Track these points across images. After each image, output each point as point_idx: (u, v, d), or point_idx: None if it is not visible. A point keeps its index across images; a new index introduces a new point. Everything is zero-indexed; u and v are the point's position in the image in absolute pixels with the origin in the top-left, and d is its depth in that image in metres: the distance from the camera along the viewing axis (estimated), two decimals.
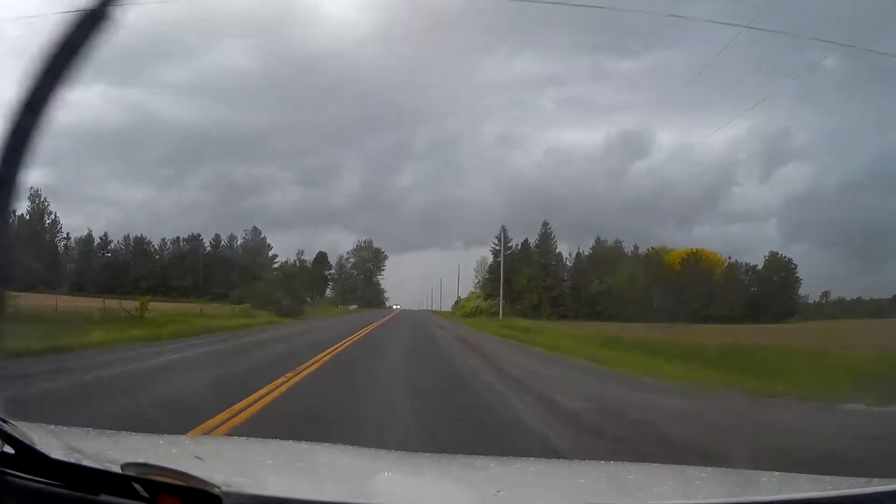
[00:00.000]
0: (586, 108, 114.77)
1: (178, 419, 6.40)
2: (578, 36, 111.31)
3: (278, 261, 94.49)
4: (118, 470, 1.36)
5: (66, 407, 6.85)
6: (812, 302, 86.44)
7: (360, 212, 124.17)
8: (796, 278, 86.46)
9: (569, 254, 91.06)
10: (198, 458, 1.91)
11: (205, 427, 6.02)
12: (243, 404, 7.35)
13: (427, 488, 2.08)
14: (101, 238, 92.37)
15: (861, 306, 76.00)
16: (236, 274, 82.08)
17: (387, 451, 2.52)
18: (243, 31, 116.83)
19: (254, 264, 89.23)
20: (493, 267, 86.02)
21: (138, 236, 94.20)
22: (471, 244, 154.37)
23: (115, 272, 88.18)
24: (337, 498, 1.68)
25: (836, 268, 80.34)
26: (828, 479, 2.02)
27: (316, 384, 9.98)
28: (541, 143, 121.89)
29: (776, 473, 2.09)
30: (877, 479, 1.74)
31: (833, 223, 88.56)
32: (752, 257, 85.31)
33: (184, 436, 5.13)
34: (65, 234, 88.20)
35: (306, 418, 7.24)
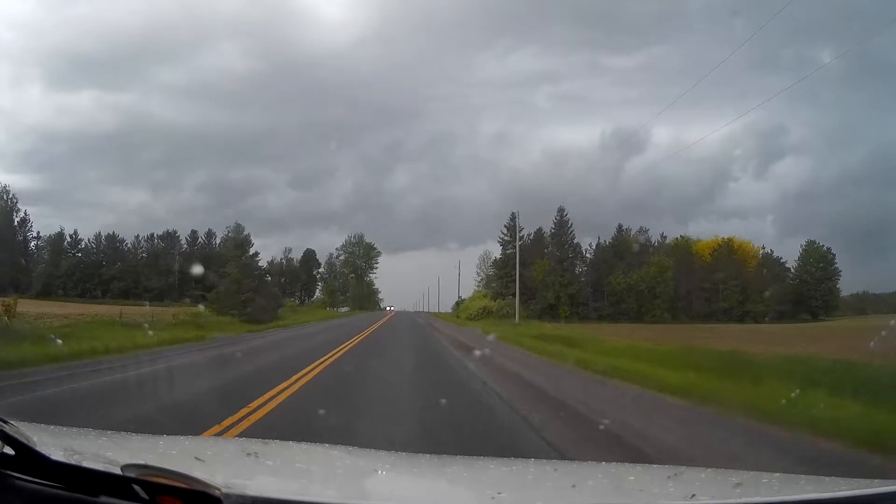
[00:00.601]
0: (582, 104, 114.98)
1: None
2: (575, 32, 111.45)
3: (261, 258, 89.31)
4: (118, 471, 1.36)
5: None
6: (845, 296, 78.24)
7: (354, 212, 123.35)
8: (835, 270, 76.57)
9: (589, 244, 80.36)
10: (198, 459, 1.91)
11: None
12: None
13: (427, 489, 2.08)
14: (72, 236, 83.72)
15: (882, 301, 70.49)
16: (214, 274, 70.56)
17: (387, 453, 2.52)
18: (236, 32, 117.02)
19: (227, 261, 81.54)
20: (502, 261, 75.69)
21: (110, 234, 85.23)
22: (466, 244, 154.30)
23: (84, 274, 78.90)
24: (337, 499, 1.68)
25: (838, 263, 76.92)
26: (828, 479, 2.03)
27: None
28: (536, 141, 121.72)
29: (776, 474, 2.09)
30: (877, 480, 1.74)
31: (831, 218, 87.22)
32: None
33: (183, 437, 5.12)
34: (35, 234, 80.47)
35: None
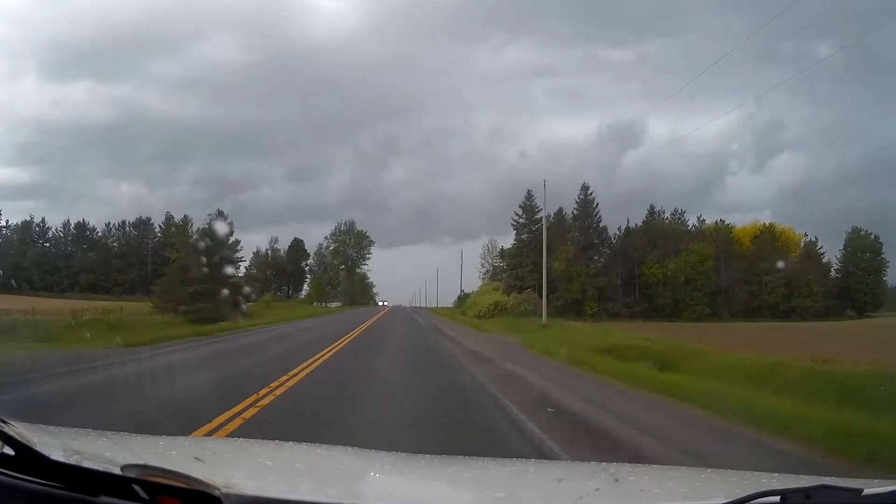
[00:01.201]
0: (578, 98, 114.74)
1: None
2: (573, 26, 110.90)
3: (241, 248, 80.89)
4: (118, 471, 1.36)
5: None
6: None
7: (350, 207, 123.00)
8: (882, 261, 68.85)
9: (618, 228, 70.97)
10: (197, 459, 1.91)
11: None
12: None
13: (427, 489, 2.08)
14: (39, 225, 78.02)
15: None
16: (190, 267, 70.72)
17: (386, 453, 2.52)
18: (232, 24, 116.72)
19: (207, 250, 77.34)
20: (515, 249, 66.79)
21: (80, 222, 78.91)
22: (461, 238, 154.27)
23: (51, 266, 72.18)
24: (336, 499, 1.68)
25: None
26: (828, 480, 2.03)
27: None
28: (532, 134, 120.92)
29: (776, 474, 2.10)
30: (877, 480, 1.74)
31: (830, 214, 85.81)
32: None
33: (183, 437, 5.13)
34: (4, 222, 75.50)
35: None
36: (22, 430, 1.45)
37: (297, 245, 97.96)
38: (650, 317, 60.72)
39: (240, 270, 79.72)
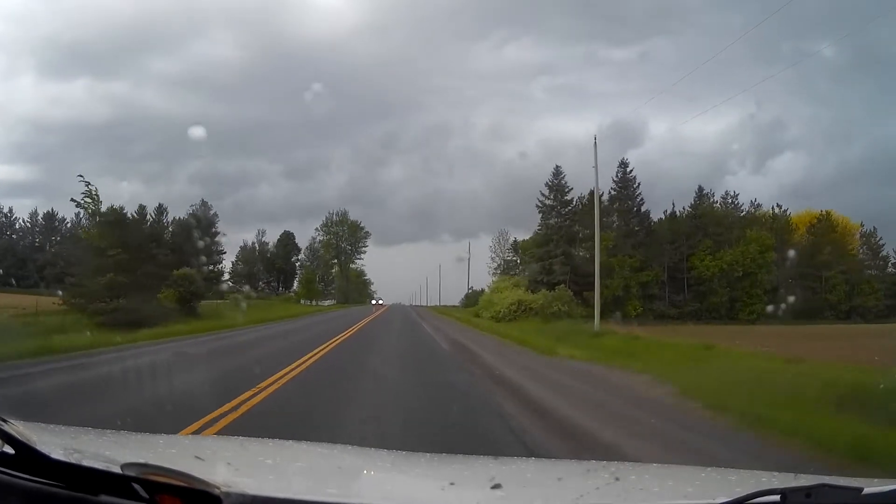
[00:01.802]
0: (577, 96, 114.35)
1: None
2: (573, 23, 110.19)
3: (220, 236, 70.16)
4: (118, 470, 1.36)
5: None
6: None
7: (348, 204, 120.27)
8: None
9: (664, 212, 60.61)
10: (198, 458, 1.91)
11: None
12: None
13: (427, 488, 2.08)
14: (7, 215, 72.97)
15: None
16: (164, 260, 62.08)
17: (387, 452, 2.52)
18: (229, 20, 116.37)
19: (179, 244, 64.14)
20: (542, 236, 55.04)
21: (48, 212, 73.35)
22: (462, 236, 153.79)
23: (17, 259, 66.11)
24: (337, 498, 1.68)
25: None
26: (827, 479, 2.03)
27: None
28: (532, 133, 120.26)
29: (776, 473, 2.10)
30: (877, 480, 1.74)
31: (877, 201, 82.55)
32: None
33: (183, 436, 5.14)
34: None
35: None
36: (22, 428, 1.45)
37: (288, 239, 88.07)
38: (701, 318, 52.38)
39: (221, 264, 71.29)
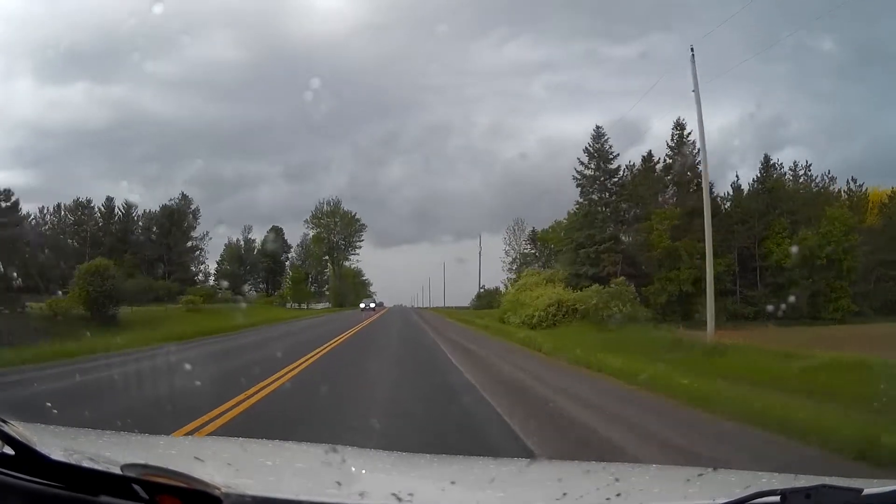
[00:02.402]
0: (578, 94, 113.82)
1: None
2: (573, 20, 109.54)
3: (200, 234, 66.89)
4: (118, 471, 1.37)
5: None
6: None
7: (348, 204, 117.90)
8: None
9: (731, 186, 48.40)
10: (197, 459, 1.92)
11: None
12: None
13: (427, 489, 2.08)
14: None
15: None
16: (132, 259, 57.51)
17: (387, 453, 2.53)
18: (229, 21, 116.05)
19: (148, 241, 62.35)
20: (580, 218, 44.59)
21: (7, 204, 60.74)
22: (462, 236, 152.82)
23: None
24: (337, 499, 1.68)
25: None
26: (827, 479, 2.03)
27: None
28: (532, 131, 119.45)
29: (776, 474, 2.10)
30: (877, 480, 1.75)
31: None
32: None
33: (183, 437, 5.15)
34: None
35: None
36: (22, 429, 1.46)
37: (276, 235, 77.87)
38: (781, 317, 37.96)
39: (205, 264, 67.98)
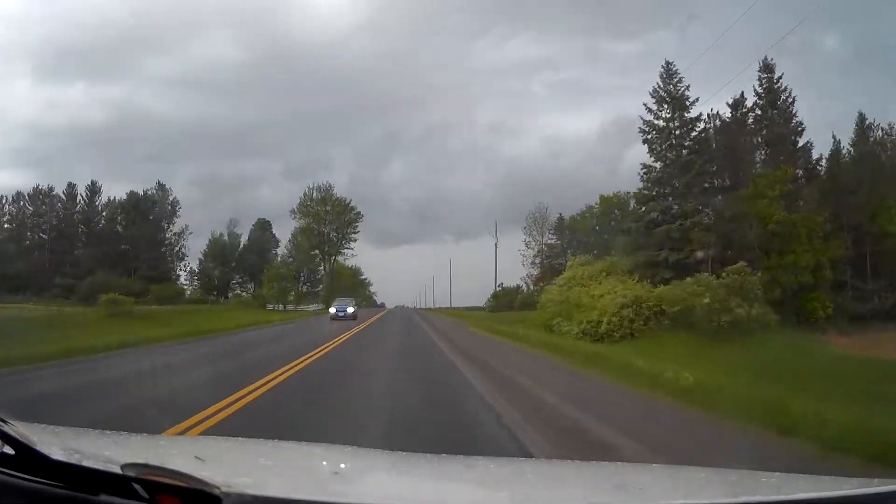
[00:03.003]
0: (580, 92, 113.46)
1: None
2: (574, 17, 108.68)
3: (181, 227, 61.00)
4: (118, 470, 1.37)
5: None
6: None
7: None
8: None
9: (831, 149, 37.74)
10: (198, 458, 1.92)
11: None
12: None
13: (427, 489, 2.08)
14: None
15: None
16: (94, 252, 52.29)
17: (387, 452, 2.53)
18: (228, 20, 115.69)
19: (116, 236, 55.22)
20: (651, 189, 34.30)
21: None
22: (462, 237, 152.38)
23: None
24: (337, 498, 1.68)
25: None
26: (828, 479, 2.04)
27: None
28: (535, 130, 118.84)
29: (776, 473, 2.10)
30: (877, 480, 1.75)
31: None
32: None
33: (183, 436, 5.16)
34: None
35: None
36: (22, 429, 1.46)
37: (263, 229, 69.06)
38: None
39: (185, 260, 61.15)
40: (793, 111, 36.54)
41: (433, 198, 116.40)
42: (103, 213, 59.67)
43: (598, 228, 46.66)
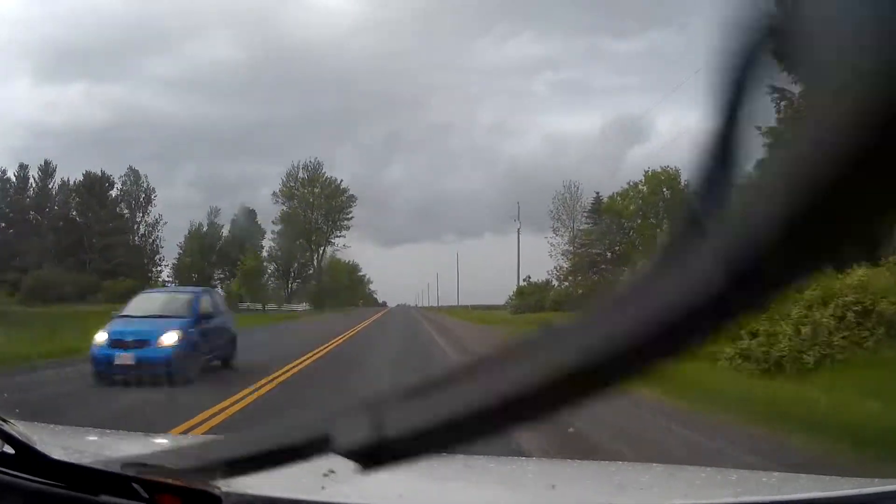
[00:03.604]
0: (582, 91, 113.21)
1: None
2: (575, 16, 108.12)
3: (156, 217, 54.30)
4: (118, 470, 1.37)
5: None
6: None
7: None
8: None
9: None
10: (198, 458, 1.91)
11: None
12: None
13: (427, 488, 2.08)
14: None
15: None
16: (44, 243, 46.37)
17: None
18: (228, 20, 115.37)
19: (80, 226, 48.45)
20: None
21: None
22: (464, 236, 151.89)
23: None
24: (337, 498, 1.68)
25: None
26: (828, 478, 2.04)
27: None
28: (536, 129, 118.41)
29: (776, 473, 2.11)
30: (878, 479, 1.75)
31: None
32: None
33: (183, 436, 5.16)
34: None
35: None
36: (21, 428, 1.46)
37: (246, 218, 59.32)
38: None
39: (159, 254, 54.41)
40: None
41: (434, 197, 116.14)
42: (56, 198, 51.99)
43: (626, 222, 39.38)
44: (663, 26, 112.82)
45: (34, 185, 52.38)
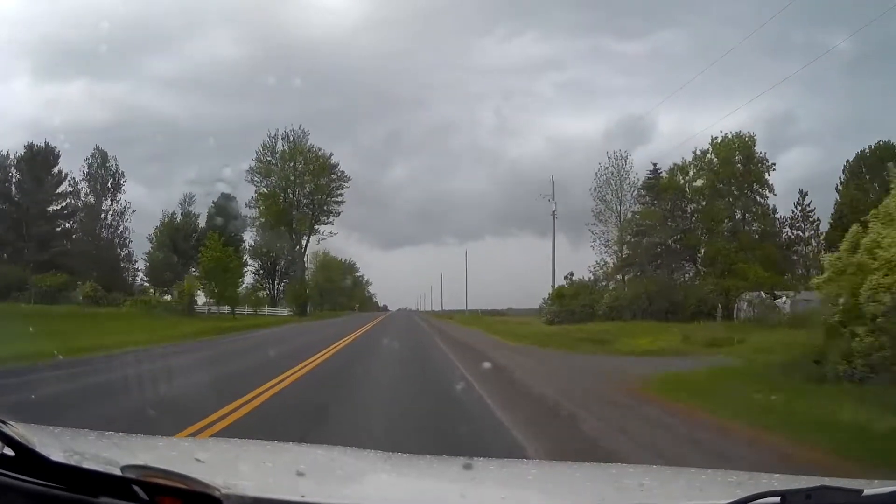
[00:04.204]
0: (586, 92, 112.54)
1: None
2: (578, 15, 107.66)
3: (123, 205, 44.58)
4: (118, 472, 1.37)
5: None
6: None
7: (349, 206, 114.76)
8: None
9: None
10: (198, 460, 1.92)
11: None
12: None
13: (427, 490, 2.08)
14: None
15: None
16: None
17: (387, 454, 2.53)
18: (228, 18, 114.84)
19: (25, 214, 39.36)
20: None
21: None
22: (466, 239, 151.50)
23: None
24: (337, 500, 1.68)
25: None
26: (828, 480, 2.04)
27: None
28: (539, 130, 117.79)
29: (776, 475, 2.11)
30: (877, 480, 1.75)
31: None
32: None
33: (183, 438, 5.15)
34: None
35: None
36: (22, 430, 1.46)
37: (224, 209, 48.85)
38: None
39: (126, 248, 45.20)
40: None
41: (436, 199, 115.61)
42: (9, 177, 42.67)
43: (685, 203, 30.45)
44: (668, 27, 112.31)
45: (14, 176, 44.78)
